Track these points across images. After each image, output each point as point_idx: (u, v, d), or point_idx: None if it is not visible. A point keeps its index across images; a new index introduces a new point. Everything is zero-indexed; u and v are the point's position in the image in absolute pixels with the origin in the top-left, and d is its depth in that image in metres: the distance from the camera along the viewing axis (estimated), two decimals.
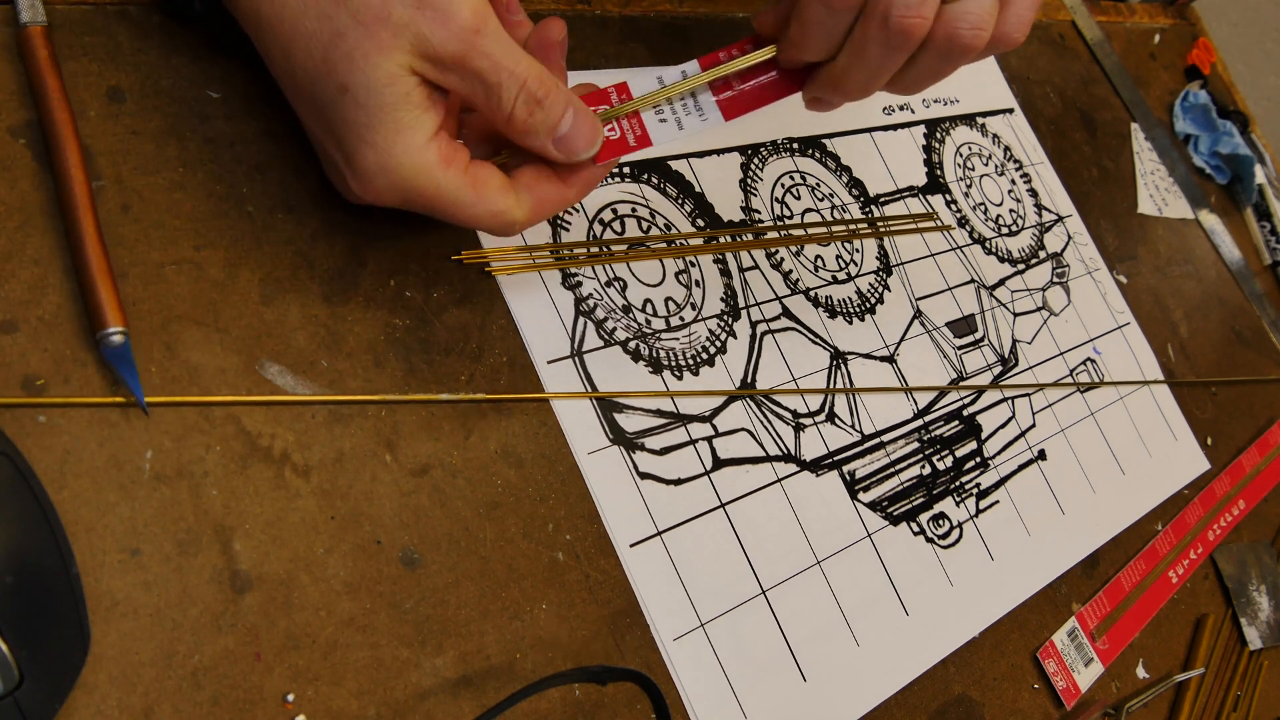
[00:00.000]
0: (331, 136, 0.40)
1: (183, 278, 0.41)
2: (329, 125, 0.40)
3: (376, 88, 0.38)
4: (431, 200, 0.41)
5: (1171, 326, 0.82)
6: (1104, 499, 0.69)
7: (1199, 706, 0.67)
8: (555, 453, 0.47)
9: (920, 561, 0.57)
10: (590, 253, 0.52)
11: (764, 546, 0.52)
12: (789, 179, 0.63)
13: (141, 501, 0.37)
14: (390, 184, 0.40)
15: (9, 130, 0.39)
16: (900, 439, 0.60)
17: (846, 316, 0.61)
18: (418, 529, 0.43)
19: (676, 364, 0.53)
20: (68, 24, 0.42)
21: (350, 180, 0.40)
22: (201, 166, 0.43)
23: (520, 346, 0.48)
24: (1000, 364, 0.68)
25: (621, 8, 0.61)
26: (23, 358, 0.37)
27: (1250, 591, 0.75)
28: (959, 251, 0.70)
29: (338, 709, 0.38)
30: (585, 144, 0.43)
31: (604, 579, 0.46)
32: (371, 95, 0.38)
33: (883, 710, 0.52)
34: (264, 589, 0.39)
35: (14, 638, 0.33)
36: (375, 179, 0.40)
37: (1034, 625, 0.61)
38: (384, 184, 0.40)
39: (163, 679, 0.36)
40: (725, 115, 0.48)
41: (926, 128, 0.73)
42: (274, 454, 0.40)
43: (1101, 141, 0.88)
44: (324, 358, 0.43)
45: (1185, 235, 0.91)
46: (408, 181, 0.40)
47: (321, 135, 0.41)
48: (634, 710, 0.45)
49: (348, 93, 0.38)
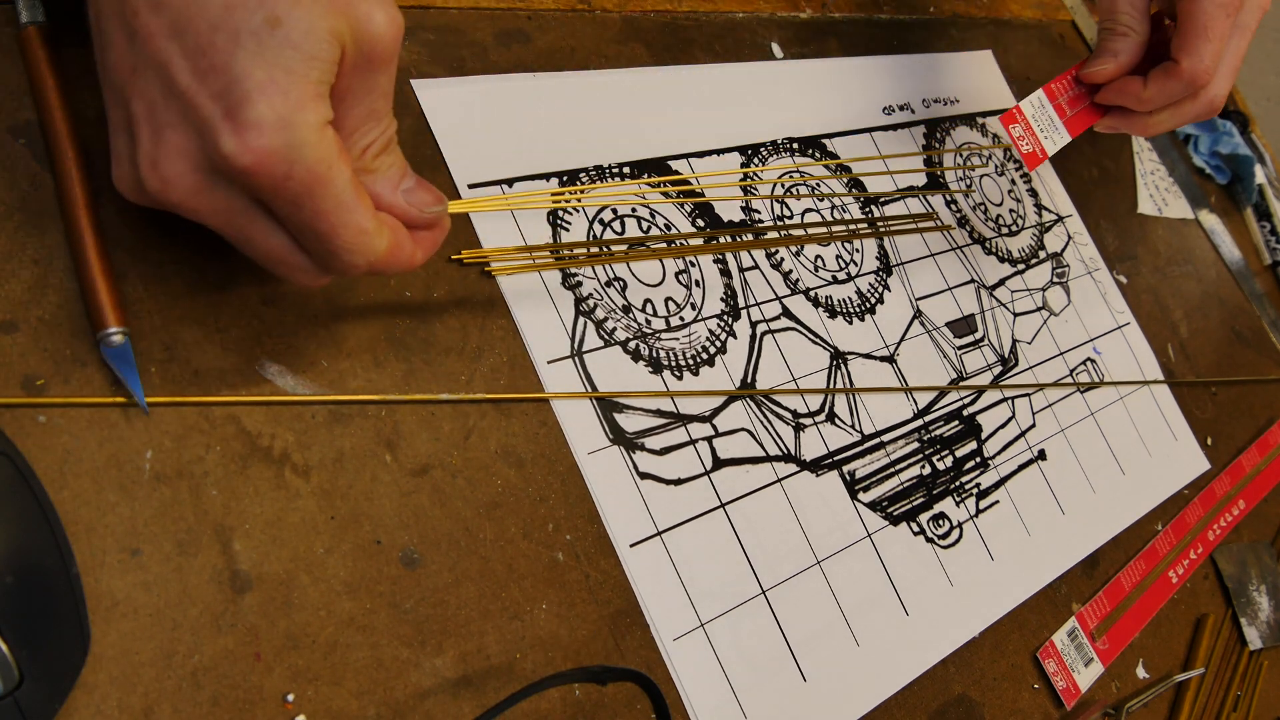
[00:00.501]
0: (216, 77, 0.34)
1: (183, 278, 0.41)
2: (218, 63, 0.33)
3: (315, 36, 0.34)
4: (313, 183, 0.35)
5: (1171, 326, 0.82)
6: (1104, 499, 0.69)
7: (1199, 706, 0.67)
8: (555, 453, 0.47)
9: (920, 561, 0.57)
10: (590, 253, 0.52)
11: (764, 546, 0.52)
12: (789, 179, 0.63)
13: (141, 501, 0.37)
14: (285, 143, 0.34)
15: (9, 130, 0.39)
16: (900, 439, 0.60)
17: (846, 316, 0.61)
18: (418, 529, 0.43)
19: (676, 364, 0.53)
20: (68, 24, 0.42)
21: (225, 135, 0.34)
22: None
23: (520, 346, 0.48)
24: (1000, 364, 0.68)
25: (621, 8, 0.61)
26: (23, 358, 0.37)
27: (1250, 591, 0.75)
28: (959, 251, 0.70)
29: (338, 709, 0.38)
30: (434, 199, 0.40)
31: (604, 579, 0.46)
32: (307, 40, 0.34)
33: (883, 710, 0.52)
34: (264, 589, 0.39)
35: (14, 638, 0.33)
36: (268, 134, 0.33)
37: (1034, 625, 0.61)
38: (277, 142, 0.34)
39: (163, 679, 0.36)
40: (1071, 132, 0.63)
41: (926, 128, 0.73)
42: (274, 454, 0.40)
43: (1101, 141, 0.88)
44: (324, 358, 0.43)
45: (1185, 235, 0.91)
46: (304, 148, 0.34)
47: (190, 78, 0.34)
48: (634, 710, 0.45)
49: (280, 26, 0.33)
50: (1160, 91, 0.63)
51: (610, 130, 0.56)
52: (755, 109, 0.63)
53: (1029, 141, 0.60)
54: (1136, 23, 0.63)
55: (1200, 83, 0.62)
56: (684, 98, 0.60)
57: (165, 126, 0.35)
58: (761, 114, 0.64)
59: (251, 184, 0.35)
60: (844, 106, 0.68)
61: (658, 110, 0.59)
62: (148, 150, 0.35)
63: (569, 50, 0.57)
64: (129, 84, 0.35)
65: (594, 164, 0.54)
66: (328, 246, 0.37)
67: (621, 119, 0.57)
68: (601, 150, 0.55)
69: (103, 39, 0.36)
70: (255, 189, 0.35)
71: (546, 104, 0.54)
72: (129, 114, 0.35)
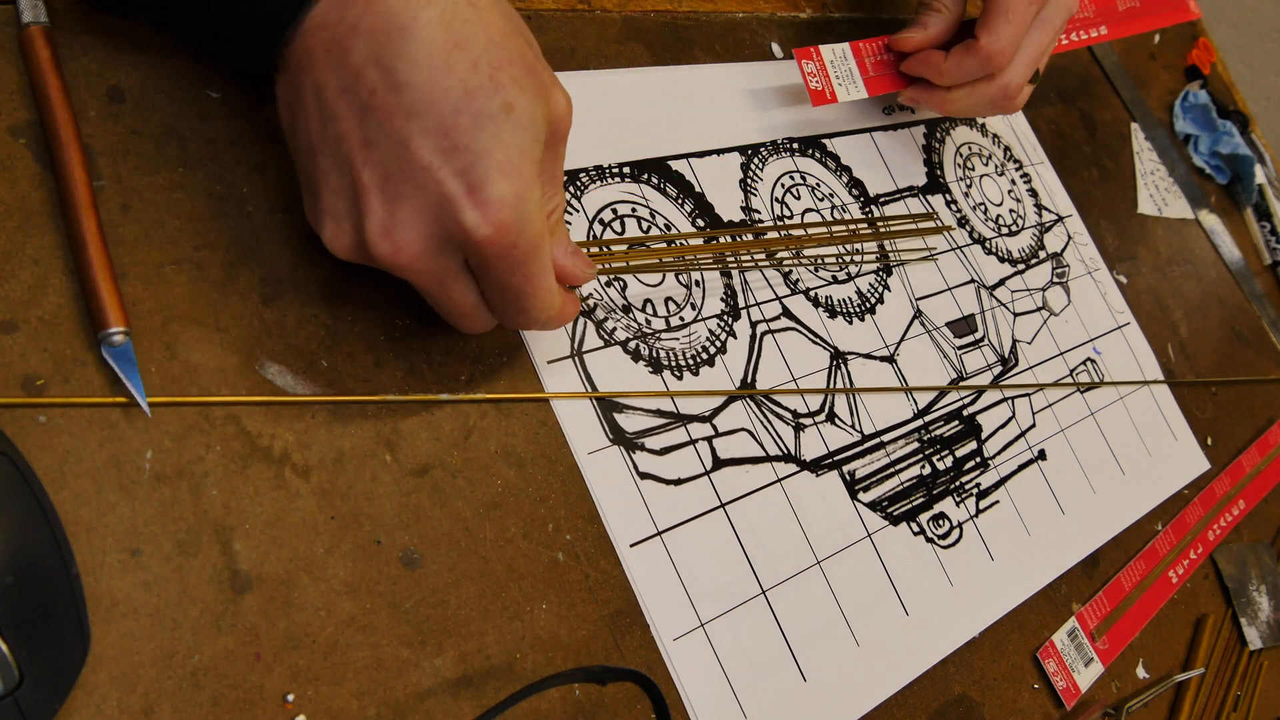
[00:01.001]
0: (459, 156, 0.37)
1: (183, 278, 0.41)
2: (460, 143, 0.37)
3: (538, 120, 0.38)
4: (532, 252, 0.39)
5: (1171, 326, 0.82)
6: (1104, 499, 0.69)
7: (1199, 706, 0.67)
8: (555, 453, 0.47)
9: (920, 561, 0.57)
10: (590, 253, 0.52)
11: (764, 546, 0.52)
12: (789, 179, 0.63)
13: (141, 501, 0.37)
14: (517, 217, 0.38)
15: (9, 130, 0.39)
16: (900, 439, 0.60)
17: (846, 316, 0.61)
18: (418, 529, 0.43)
19: (676, 364, 0.53)
20: (69, 24, 0.42)
21: (467, 209, 0.37)
22: (201, 166, 0.43)
23: (520, 346, 0.48)
24: (1000, 364, 0.68)
25: (621, 8, 0.61)
26: (23, 358, 0.37)
27: (1250, 591, 0.75)
28: (959, 251, 0.70)
29: (338, 709, 0.38)
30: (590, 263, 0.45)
31: (604, 579, 0.46)
32: (534, 124, 0.38)
33: (883, 710, 0.52)
34: (264, 589, 0.39)
35: (14, 638, 0.33)
36: (504, 210, 0.37)
37: (1034, 625, 0.61)
38: (512, 217, 0.38)
39: (163, 679, 0.36)
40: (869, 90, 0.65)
41: (926, 127, 0.73)
42: (274, 454, 0.40)
43: (1101, 141, 0.88)
44: (324, 358, 0.43)
45: (1185, 235, 0.91)
46: (531, 221, 0.38)
47: (433, 155, 0.37)
48: (634, 710, 0.45)
49: (514, 112, 0.37)
50: (957, 66, 0.64)
51: (610, 130, 0.56)
52: (755, 109, 0.63)
53: (819, 80, 0.62)
54: (952, 3, 0.66)
55: (996, 63, 0.64)
56: (684, 98, 0.60)
57: (402, 198, 0.38)
58: (761, 114, 0.64)
59: (481, 253, 0.39)
60: (844, 106, 0.68)
61: (658, 110, 0.59)
62: (381, 218, 0.38)
63: (569, 50, 0.57)
64: (358, 155, 0.38)
65: (594, 164, 0.54)
66: (523, 304, 0.41)
67: (621, 119, 0.57)
68: (601, 150, 0.55)
69: (324, 110, 0.38)
70: (481, 257, 0.39)
71: None
72: (355, 181, 0.38)
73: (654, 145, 0.57)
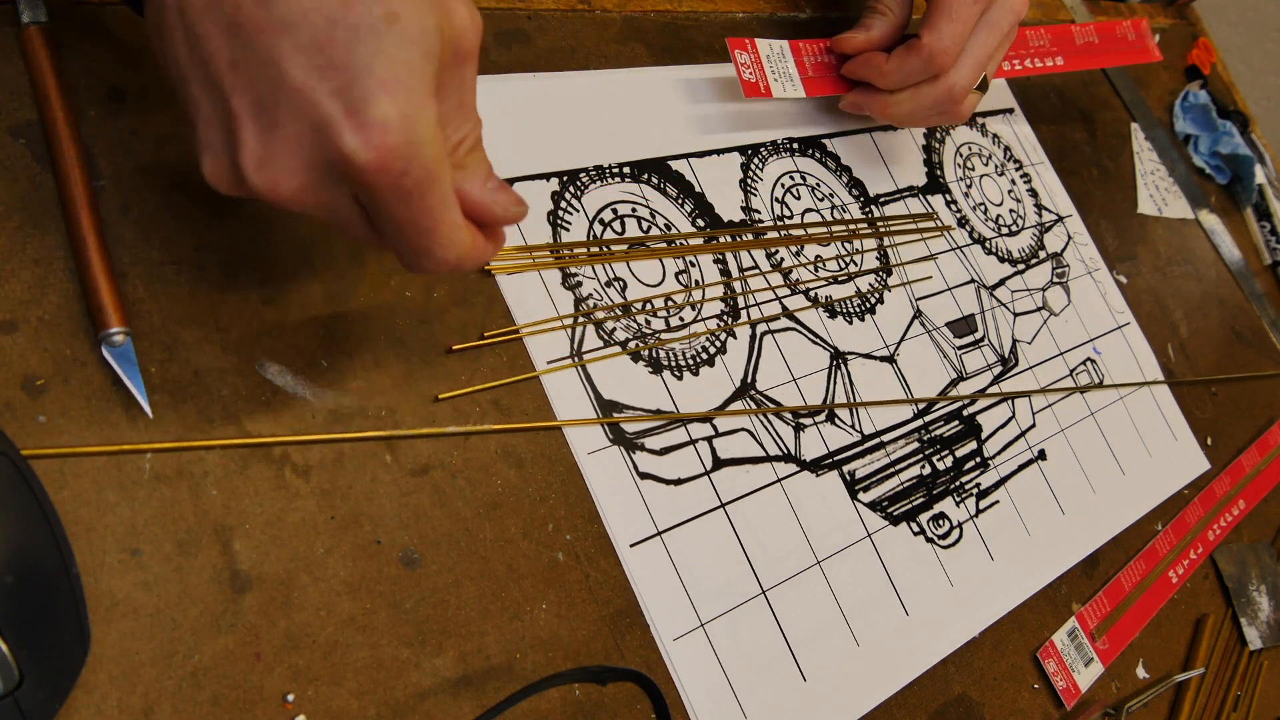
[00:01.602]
0: (335, 74, 0.33)
1: (183, 278, 0.41)
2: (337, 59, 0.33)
3: (429, 31, 0.33)
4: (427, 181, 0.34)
5: (1171, 326, 0.82)
6: (1104, 499, 0.69)
7: (1199, 706, 0.67)
8: (555, 453, 0.47)
9: (920, 561, 0.57)
10: (590, 253, 0.52)
11: (764, 546, 0.52)
12: (789, 179, 0.63)
13: (141, 501, 0.37)
14: (405, 141, 0.33)
15: (9, 130, 0.39)
16: (900, 439, 0.60)
17: (846, 316, 0.61)
18: (418, 529, 0.43)
19: (676, 364, 0.53)
20: (69, 24, 0.42)
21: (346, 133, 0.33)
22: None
23: (520, 346, 0.48)
24: (1000, 364, 0.68)
25: (621, 8, 0.61)
26: (23, 358, 0.37)
27: (1250, 591, 0.75)
28: (959, 251, 0.70)
29: (338, 709, 0.38)
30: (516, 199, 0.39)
31: (604, 579, 0.46)
32: (422, 36, 0.33)
33: (883, 710, 0.52)
34: (264, 589, 0.39)
35: (14, 638, 0.33)
36: (390, 133, 0.33)
37: (1034, 625, 0.61)
38: (399, 140, 0.33)
39: (163, 679, 0.36)
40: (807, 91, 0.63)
41: (926, 127, 0.73)
42: (274, 454, 0.40)
43: (1101, 141, 0.88)
44: (324, 358, 0.43)
45: (1185, 235, 0.91)
46: (423, 146, 0.34)
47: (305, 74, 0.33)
48: (634, 710, 0.45)
49: (398, 22, 0.33)
50: (900, 66, 0.62)
51: (610, 130, 0.56)
52: (755, 109, 0.63)
53: (753, 72, 0.60)
54: (897, 6, 0.63)
55: (939, 63, 0.61)
56: (684, 98, 0.60)
57: (276, 125, 0.34)
58: (761, 114, 0.64)
59: (366, 181, 0.34)
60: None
61: (658, 110, 0.59)
62: (253, 148, 0.34)
63: (569, 50, 0.57)
64: (226, 78, 0.34)
65: (594, 164, 0.54)
66: (423, 242, 0.36)
67: (621, 119, 0.57)
68: (601, 150, 0.55)
69: (189, 32, 0.34)
70: (368, 186, 0.34)
71: (546, 104, 0.54)
72: (227, 109, 0.34)
73: (654, 145, 0.57)
